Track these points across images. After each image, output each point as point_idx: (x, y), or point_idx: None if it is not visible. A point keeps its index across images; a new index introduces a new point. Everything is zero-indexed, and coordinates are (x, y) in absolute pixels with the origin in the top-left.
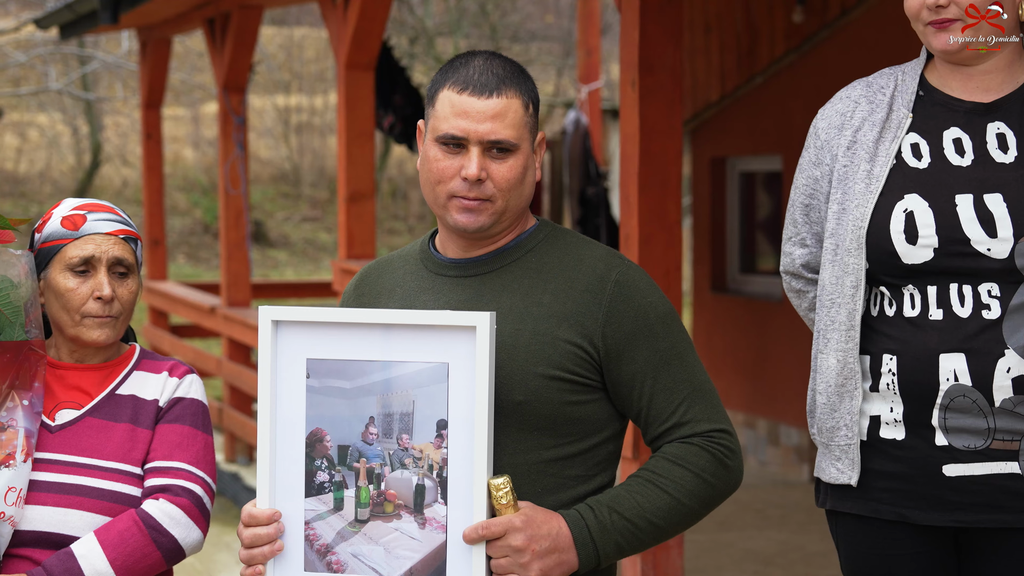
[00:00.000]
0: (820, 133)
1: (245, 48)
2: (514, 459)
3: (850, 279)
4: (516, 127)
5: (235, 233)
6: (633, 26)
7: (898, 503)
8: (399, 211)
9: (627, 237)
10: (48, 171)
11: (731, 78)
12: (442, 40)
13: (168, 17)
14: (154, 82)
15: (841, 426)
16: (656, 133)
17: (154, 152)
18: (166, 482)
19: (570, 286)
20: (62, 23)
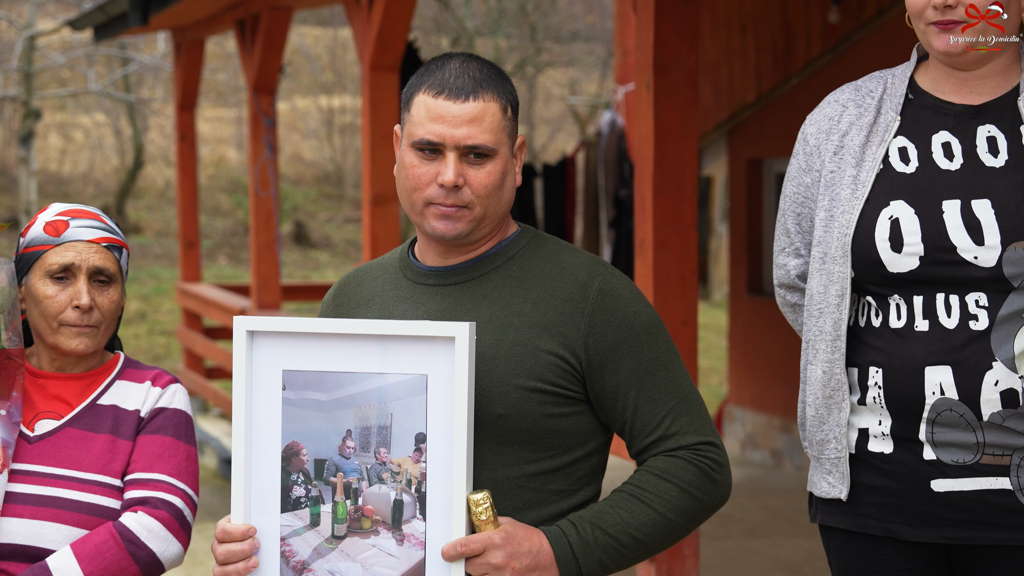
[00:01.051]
0: (809, 139)
1: (275, 49)
2: (494, 473)
3: (835, 288)
4: (494, 131)
5: (265, 235)
6: (648, 27)
7: (887, 518)
8: None
9: (642, 242)
10: (91, 172)
11: (767, 79)
12: (482, 41)
13: (200, 19)
14: (188, 84)
15: (831, 439)
16: (671, 136)
17: (188, 154)
18: (145, 494)
19: (552, 295)
20: (95, 24)
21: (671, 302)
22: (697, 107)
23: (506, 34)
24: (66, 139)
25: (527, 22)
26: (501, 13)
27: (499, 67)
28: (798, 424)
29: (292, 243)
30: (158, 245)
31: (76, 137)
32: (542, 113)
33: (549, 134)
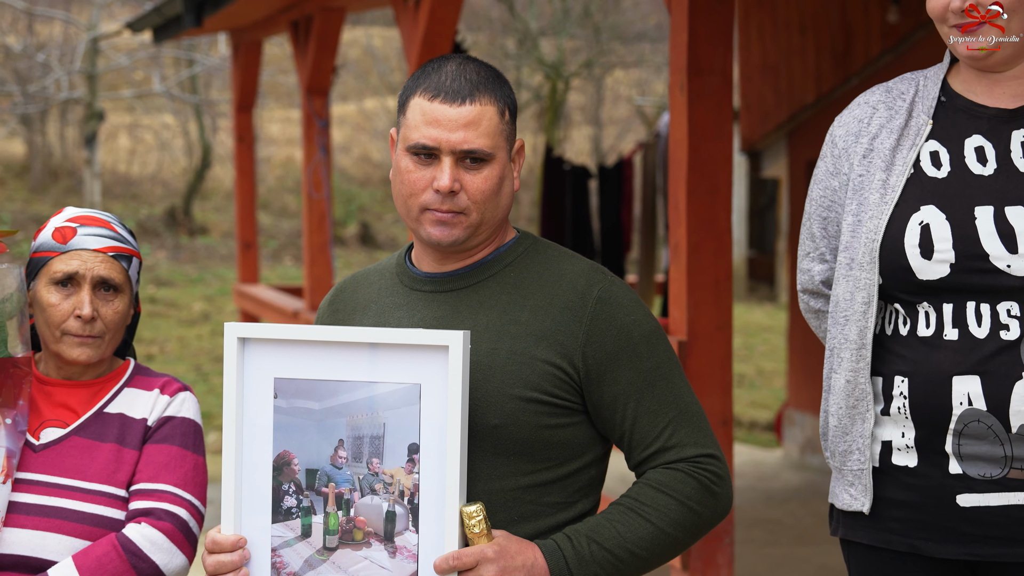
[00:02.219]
0: (837, 141)
1: (327, 51)
2: (489, 485)
3: (862, 295)
4: (491, 135)
5: (318, 237)
6: (682, 27)
7: (910, 534)
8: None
9: (676, 246)
10: (160, 173)
11: (827, 79)
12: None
13: (255, 20)
14: (246, 85)
15: (853, 450)
16: (705, 138)
17: (246, 155)
18: (149, 505)
19: (550, 303)
20: (153, 26)
21: (705, 307)
22: (732, 109)
23: (570, 35)
24: (135, 140)
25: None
26: (565, 14)
27: (497, 70)
28: (820, 434)
29: (358, 244)
30: (224, 246)
31: (145, 138)
32: (610, 114)
33: (617, 135)
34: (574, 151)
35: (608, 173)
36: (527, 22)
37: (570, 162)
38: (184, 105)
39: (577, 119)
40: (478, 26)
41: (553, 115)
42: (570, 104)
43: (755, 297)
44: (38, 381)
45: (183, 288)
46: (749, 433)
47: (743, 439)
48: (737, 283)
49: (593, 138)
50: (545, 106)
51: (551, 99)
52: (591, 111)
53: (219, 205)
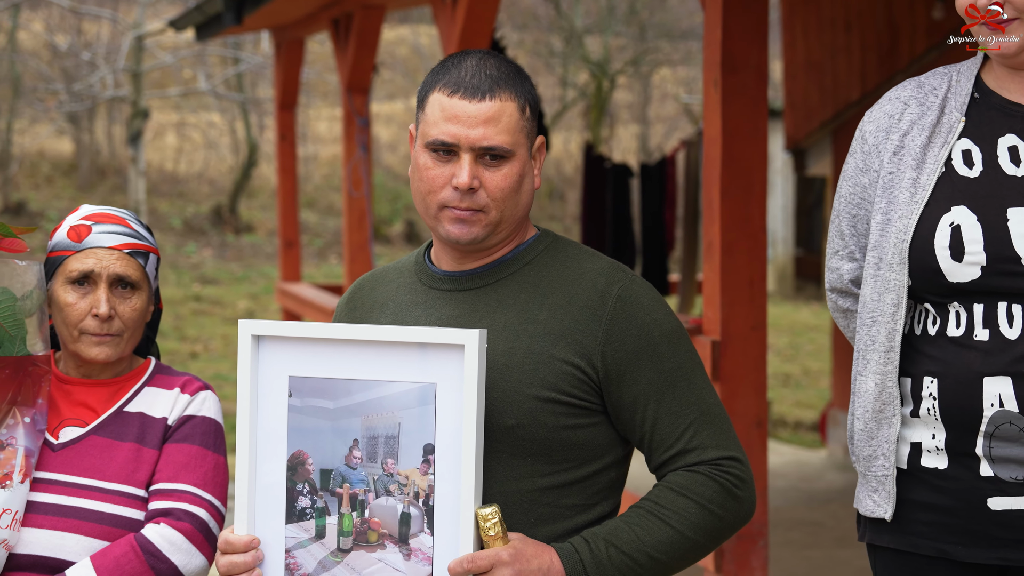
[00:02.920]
0: (867, 137)
1: (367, 49)
2: (506, 487)
3: (891, 296)
4: (511, 132)
5: (358, 235)
6: (716, 23)
7: (939, 538)
8: (556, 211)
9: (709, 245)
10: (206, 171)
11: (872, 77)
12: (592, 39)
13: (296, 18)
14: (287, 83)
15: (879, 455)
16: (739, 136)
17: (288, 153)
18: (169, 505)
19: (569, 302)
20: (196, 24)
21: (739, 307)
22: (767, 106)
23: (616, 32)
24: (182, 138)
25: (637, 20)
26: (611, 12)
27: (518, 65)
28: (848, 437)
29: (403, 242)
30: (269, 244)
31: (192, 136)
32: (657, 112)
33: (664, 133)
34: (621, 149)
35: (650, 171)
36: (573, 20)
37: (611, 160)
38: (231, 103)
39: (624, 117)
40: (524, 24)
41: (598, 113)
42: (617, 102)
43: (802, 296)
44: (57, 380)
45: (228, 286)
46: (794, 433)
47: (787, 439)
48: (784, 282)
49: (640, 136)
50: (590, 104)
51: (596, 97)
52: (638, 109)
53: (265, 203)
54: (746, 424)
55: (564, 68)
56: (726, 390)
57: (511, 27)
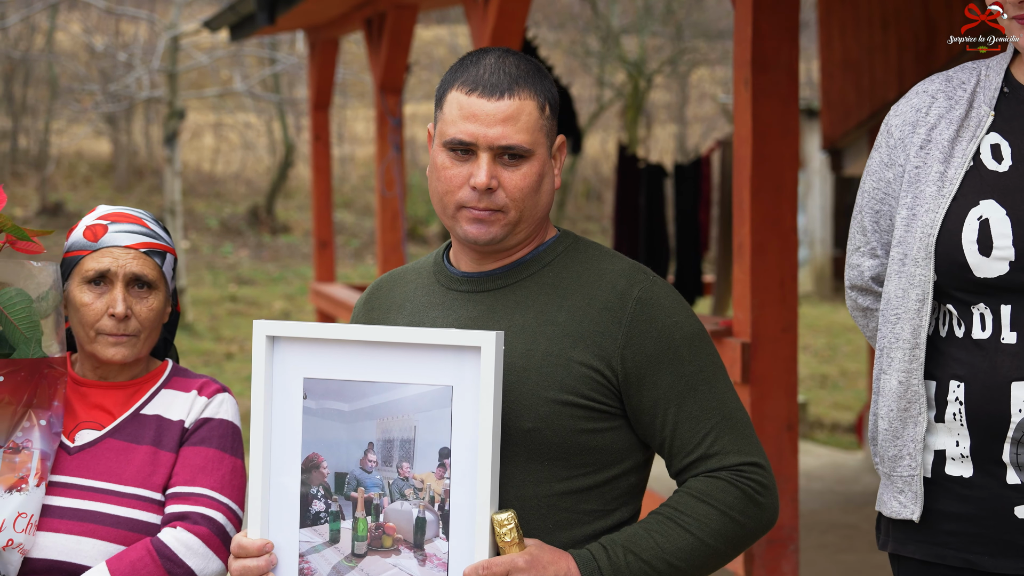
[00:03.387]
0: (893, 131)
1: (400, 49)
2: (523, 491)
3: (916, 292)
4: (530, 131)
5: (391, 235)
6: (746, 21)
7: (965, 548)
8: (593, 211)
9: (740, 246)
10: (243, 171)
11: (909, 76)
12: (629, 39)
13: (330, 18)
14: (322, 83)
15: (904, 455)
16: (770, 135)
17: (322, 153)
18: (185, 509)
19: (588, 303)
20: (229, 25)
21: (770, 308)
22: (798, 105)
23: (653, 32)
24: (220, 139)
25: (673, 20)
26: (647, 12)
27: (538, 63)
28: (869, 439)
29: (439, 242)
30: (306, 244)
31: (229, 137)
32: (695, 112)
33: (702, 133)
34: (658, 149)
35: (685, 171)
36: (609, 20)
37: (645, 160)
38: (268, 104)
39: (662, 117)
40: (561, 24)
41: (635, 113)
42: (655, 102)
43: (840, 297)
44: (74, 382)
45: (264, 287)
46: (830, 435)
47: (824, 441)
48: (822, 283)
49: (677, 136)
50: (627, 104)
51: (632, 97)
52: (676, 109)
53: (302, 204)
54: (777, 427)
55: (601, 68)
56: (756, 393)
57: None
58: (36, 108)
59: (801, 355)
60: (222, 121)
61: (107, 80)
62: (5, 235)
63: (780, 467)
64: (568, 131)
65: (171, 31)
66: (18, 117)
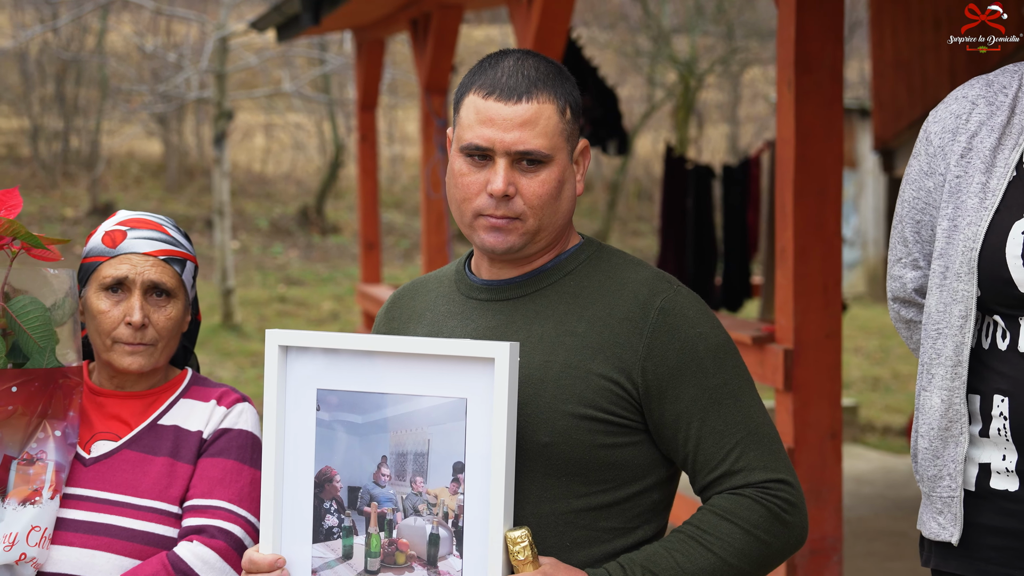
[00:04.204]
0: (932, 138)
1: (445, 49)
2: (539, 508)
3: (959, 307)
4: (549, 135)
5: (436, 237)
6: (789, 22)
7: (1010, 563)
8: (644, 212)
9: (782, 250)
10: (294, 172)
11: (961, 75)
12: (680, 39)
13: (375, 18)
14: (368, 84)
15: (944, 475)
16: (813, 137)
17: (368, 154)
18: (202, 522)
19: (609, 313)
20: (276, 25)
21: (812, 314)
22: (843, 107)
23: (704, 32)
24: (270, 139)
25: (725, 19)
26: (699, 11)
27: (559, 65)
28: (911, 456)
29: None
30: (355, 245)
31: (280, 137)
32: (747, 112)
33: (754, 133)
34: (710, 149)
35: (733, 173)
36: (660, 20)
37: (692, 161)
38: (318, 104)
39: (714, 117)
40: (611, 24)
41: (685, 113)
42: (707, 102)
43: None
44: (90, 392)
45: (313, 287)
46: (881, 439)
47: (875, 445)
48: (875, 284)
49: (729, 136)
50: (678, 104)
51: (683, 97)
52: (728, 109)
53: (352, 204)
54: (819, 436)
55: (652, 68)
56: (799, 400)
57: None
58: (87, 109)
59: (853, 357)
60: (273, 122)
61: (157, 81)
62: (20, 242)
63: (824, 477)
64: (615, 132)
65: (220, 32)
66: (70, 118)
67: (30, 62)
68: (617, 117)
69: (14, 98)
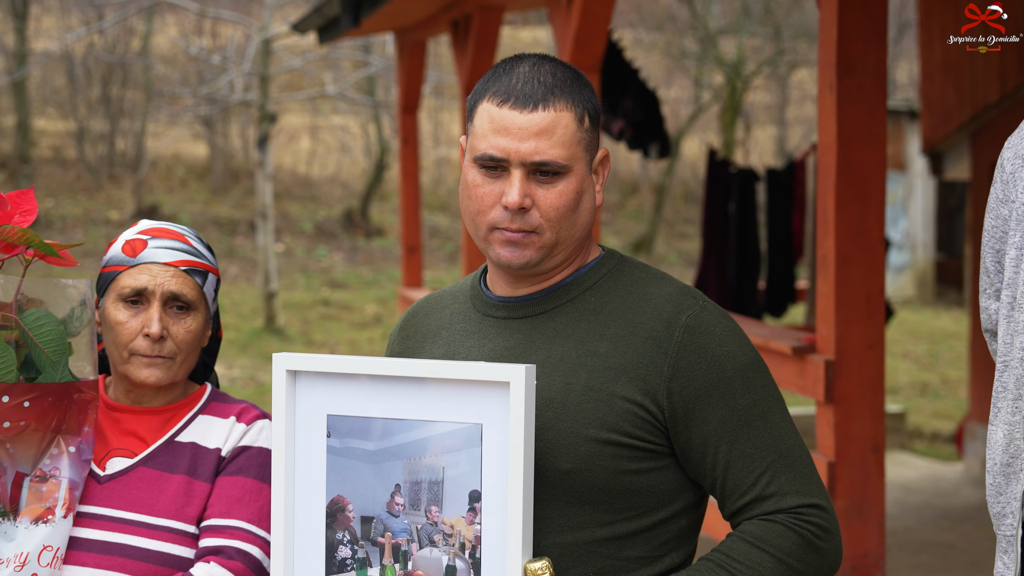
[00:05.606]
0: (1005, 164)
1: (486, 51)
2: (561, 537)
3: (1021, 340)
4: (566, 145)
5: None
6: (831, 23)
7: None
8: (691, 215)
9: (823, 258)
10: (339, 174)
11: (1011, 77)
12: (726, 40)
13: (416, 20)
14: (410, 86)
15: (1007, 513)
16: (856, 141)
17: (410, 157)
18: (220, 543)
19: (632, 332)
20: (317, 27)
21: (855, 324)
22: (886, 110)
23: (751, 33)
24: (316, 142)
25: (772, 21)
26: (745, 12)
27: (577, 71)
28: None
29: None
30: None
31: (326, 140)
32: (796, 113)
33: (803, 135)
34: (758, 151)
35: (778, 176)
36: (707, 21)
37: (736, 165)
38: (364, 106)
39: (762, 119)
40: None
41: (732, 115)
42: (755, 104)
43: (943, 302)
44: (106, 407)
45: (357, 290)
46: (930, 445)
47: (923, 452)
48: (924, 288)
49: (777, 138)
50: (724, 106)
51: (729, 99)
52: (776, 111)
53: (397, 207)
54: (862, 450)
55: (699, 70)
56: (840, 413)
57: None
58: (133, 111)
59: (901, 362)
60: (318, 124)
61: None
62: (34, 250)
63: (866, 491)
64: (657, 135)
65: (262, 34)
66: (115, 120)
67: (76, 65)
68: (659, 120)
69: (61, 101)
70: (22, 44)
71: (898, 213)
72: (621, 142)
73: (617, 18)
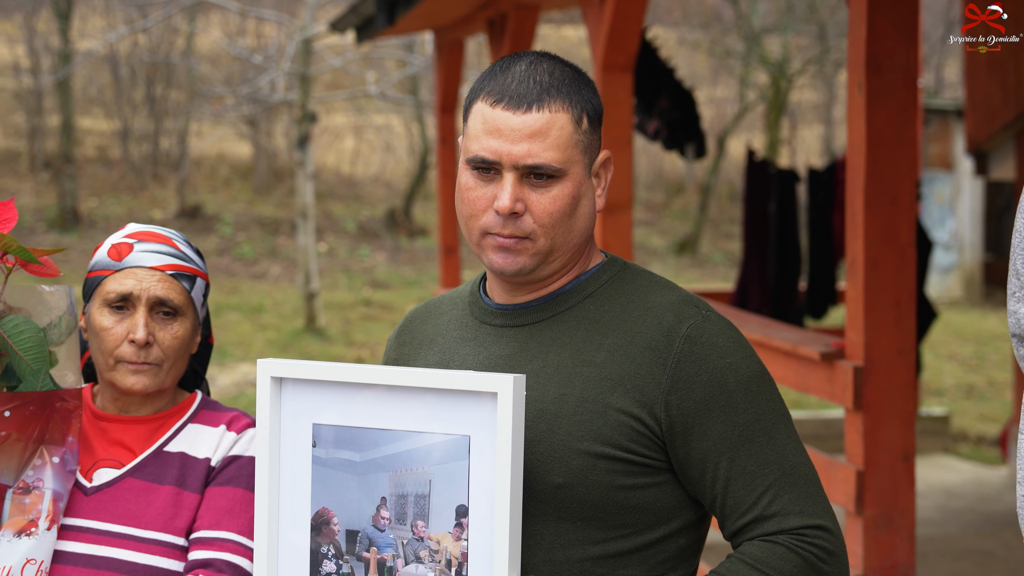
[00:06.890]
0: None
1: (522, 49)
2: (553, 555)
3: None
4: (561, 148)
5: None
6: (860, 20)
7: None
8: (736, 214)
9: (852, 261)
10: (383, 174)
11: None
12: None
13: (452, 19)
14: (448, 86)
15: None
16: (885, 142)
17: (448, 157)
18: (209, 555)
19: (630, 342)
20: (354, 26)
21: (884, 329)
22: (917, 111)
23: (796, 32)
24: (359, 141)
25: (816, 19)
26: (790, 11)
27: (578, 69)
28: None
29: None
30: None
31: (370, 139)
32: (842, 112)
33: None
34: (804, 150)
35: (819, 176)
36: (751, 20)
37: (775, 165)
38: (407, 106)
39: (808, 118)
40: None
41: (777, 114)
42: (802, 103)
43: (990, 303)
44: (93, 416)
45: (399, 290)
46: (975, 449)
47: (968, 455)
48: (971, 289)
49: (824, 137)
50: (769, 106)
51: (774, 98)
52: (823, 110)
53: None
54: (891, 458)
55: (744, 69)
56: (869, 420)
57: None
58: (176, 111)
59: (947, 364)
60: (360, 124)
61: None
62: (14, 257)
63: (896, 502)
64: (693, 134)
65: (302, 33)
66: (159, 120)
67: (120, 65)
68: (695, 119)
69: (105, 101)
70: (66, 44)
71: (945, 213)
72: (657, 142)
73: (662, 16)
